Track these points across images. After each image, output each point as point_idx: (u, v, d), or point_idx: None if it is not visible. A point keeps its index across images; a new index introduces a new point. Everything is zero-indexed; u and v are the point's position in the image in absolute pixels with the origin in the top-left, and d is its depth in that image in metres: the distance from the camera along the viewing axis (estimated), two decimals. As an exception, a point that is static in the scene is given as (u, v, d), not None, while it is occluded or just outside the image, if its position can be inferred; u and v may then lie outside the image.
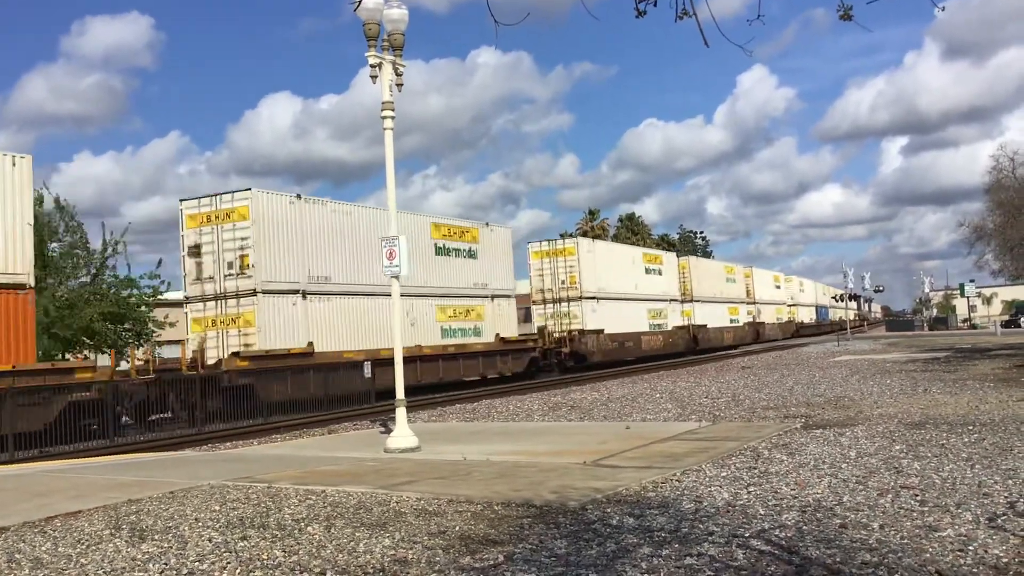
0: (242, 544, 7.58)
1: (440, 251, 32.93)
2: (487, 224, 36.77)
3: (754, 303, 73.58)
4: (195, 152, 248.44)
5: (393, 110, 14.79)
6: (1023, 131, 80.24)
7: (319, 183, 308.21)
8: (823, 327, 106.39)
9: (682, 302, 56.24)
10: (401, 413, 14.59)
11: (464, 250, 34.42)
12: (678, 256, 61.52)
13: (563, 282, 42.61)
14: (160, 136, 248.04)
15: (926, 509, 7.87)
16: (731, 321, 65.92)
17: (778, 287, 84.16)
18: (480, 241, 35.55)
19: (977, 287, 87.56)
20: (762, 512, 8.00)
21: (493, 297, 35.66)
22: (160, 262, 35.13)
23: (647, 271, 50.31)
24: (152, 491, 10.61)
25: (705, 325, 58.17)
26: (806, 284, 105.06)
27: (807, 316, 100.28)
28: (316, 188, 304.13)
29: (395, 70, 14.69)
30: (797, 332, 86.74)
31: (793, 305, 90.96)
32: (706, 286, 61.63)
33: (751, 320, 71.90)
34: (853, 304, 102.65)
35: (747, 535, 7.13)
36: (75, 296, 29.33)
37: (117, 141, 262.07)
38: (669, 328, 52.41)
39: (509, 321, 36.84)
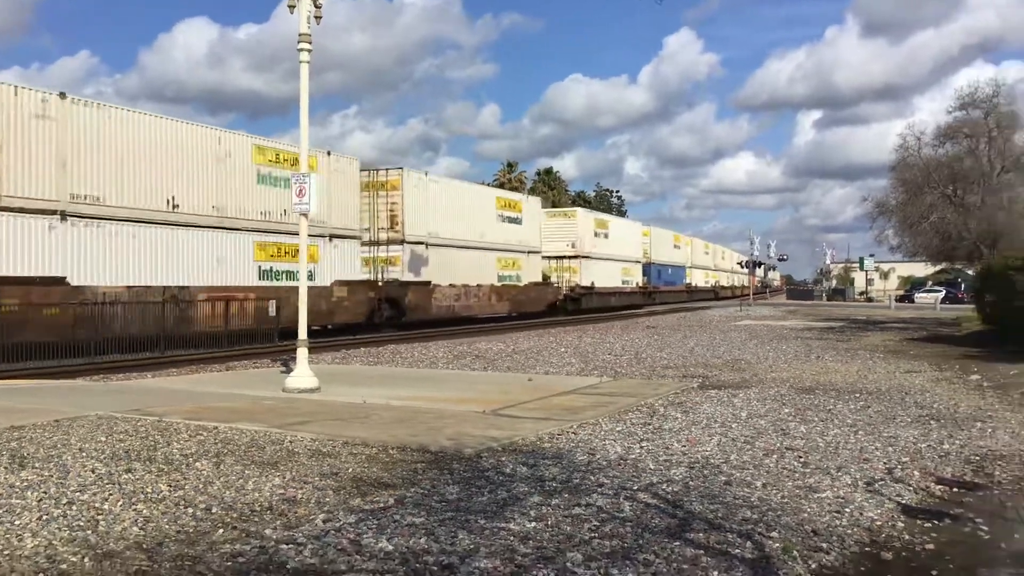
0: (126, 476, 7.41)
1: (264, 180, 27.51)
2: (328, 152, 30.83)
3: (651, 264, 68.17)
4: (104, 74, 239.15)
5: (310, 43, 14.38)
6: (933, 112, 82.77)
7: (233, 115, 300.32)
8: (720, 294, 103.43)
9: (569, 258, 51.67)
10: (302, 353, 14.41)
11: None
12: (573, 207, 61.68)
13: (385, 222, 34.70)
14: (69, 55, 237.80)
15: (808, 471, 8.13)
16: (623, 282, 60.84)
17: (677, 247, 79.33)
18: (318, 171, 27.41)
19: (876, 262, 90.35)
20: (652, 467, 8.16)
21: (331, 237, 30.04)
22: None
23: (502, 219, 43.09)
24: (37, 419, 10.29)
25: (592, 284, 53.35)
26: (712, 248, 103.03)
27: (703, 280, 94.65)
28: (230, 120, 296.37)
29: (314, 2, 14.27)
30: (691, 297, 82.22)
31: (693, 268, 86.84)
32: (595, 242, 54.92)
33: (646, 282, 66.56)
34: (759, 272, 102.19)
35: (635, 488, 7.27)
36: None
37: (23, 56, 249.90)
38: (525, 284, 45.54)
39: (350, 266, 31.17)
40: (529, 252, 46.27)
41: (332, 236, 30.25)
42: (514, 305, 43.61)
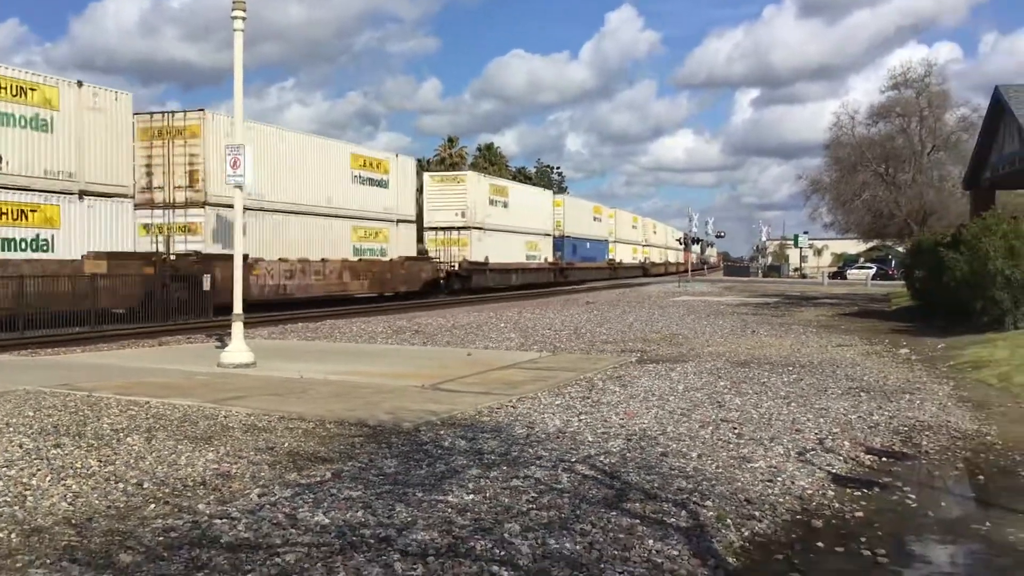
0: (55, 451, 7.23)
1: None
2: (80, 83, 23.36)
3: (565, 237, 59.97)
4: (32, 43, 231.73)
5: (245, 11, 14.07)
6: (866, 92, 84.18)
7: (166, 85, 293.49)
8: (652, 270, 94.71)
9: (458, 229, 44.08)
10: (238, 328, 14.19)
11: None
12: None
13: (182, 179, 27.18)
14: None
15: (742, 442, 8.26)
16: (528, 258, 52.77)
17: (597, 219, 70.00)
18: (61, 107, 22.44)
19: (810, 239, 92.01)
20: (590, 439, 8.22)
21: (83, 194, 22.95)
22: None
23: (360, 180, 35.24)
24: (-40, 395, 9.97)
25: (486, 260, 45.33)
26: (641, 222, 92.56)
27: (631, 256, 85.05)
28: (162, 91, 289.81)
29: (250, -32, 14.00)
30: (615, 274, 73.03)
31: (618, 243, 76.84)
32: (491, 211, 46.72)
33: (557, 258, 58.13)
34: (696, 248, 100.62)
35: (574, 460, 7.31)
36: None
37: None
38: (393, 259, 37.56)
39: (115, 233, 24.05)
40: (399, 221, 38.04)
41: (84, 193, 23.02)
42: (376, 284, 35.96)
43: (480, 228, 45.11)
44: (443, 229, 44.22)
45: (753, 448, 8.02)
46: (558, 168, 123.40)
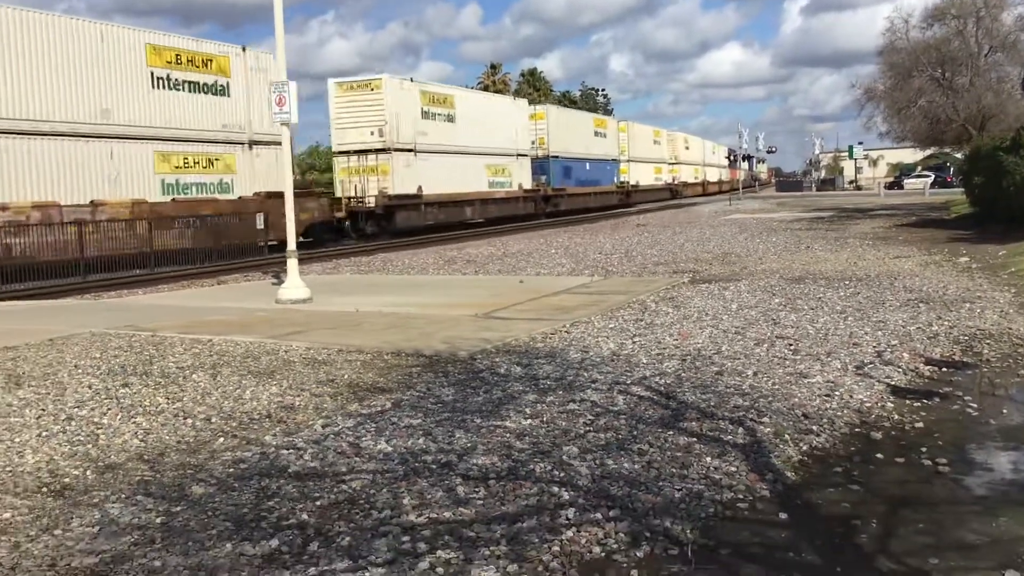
0: (123, 391, 7.46)
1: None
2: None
3: (550, 158, 47.37)
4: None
5: (281, -55, 13.91)
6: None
7: (207, 25, 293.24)
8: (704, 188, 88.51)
9: (376, 152, 32.84)
10: (292, 264, 14.38)
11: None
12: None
13: None
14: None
15: (798, 358, 8.23)
16: (492, 185, 41.11)
17: (600, 135, 57.10)
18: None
19: (865, 149, 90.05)
20: (645, 361, 8.25)
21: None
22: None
23: (175, 86, 24.43)
24: (30, 338, 10.29)
25: (419, 192, 34.08)
26: (667, 136, 78.10)
27: (652, 178, 71.12)
28: (204, 31, 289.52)
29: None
30: (628, 200, 60.98)
31: (632, 162, 63.96)
32: (428, 128, 35.33)
33: (539, 184, 46.46)
34: (745, 165, 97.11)
35: (629, 382, 7.36)
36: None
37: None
38: (238, 198, 26.11)
39: None
40: (255, 143, 26.76)
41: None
42: (206, 237, 24.16)
43: (407, 150, 33.69)
44: (356, 153, 33.13)
45: (810, 364, 7.98)
46: (603, 90, 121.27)
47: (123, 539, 4.38)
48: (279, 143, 25.85)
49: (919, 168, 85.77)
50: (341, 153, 33.53)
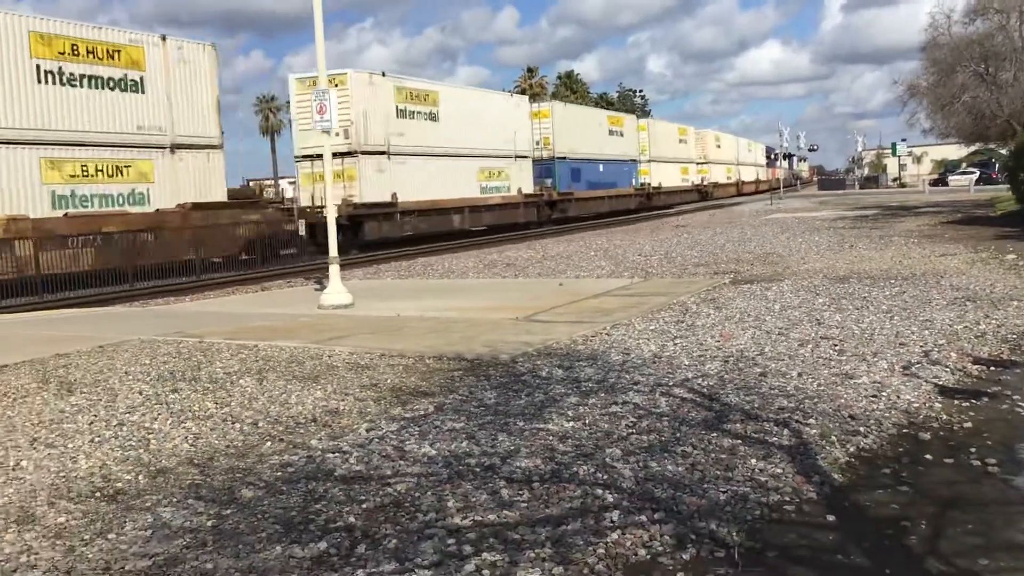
0: (173, 396, 7.59)
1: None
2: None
3: (556, 159, 43.38)
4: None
5: (320, -46, 14.08)
6: (963, -11, 78.95)
7: (247, 35, 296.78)
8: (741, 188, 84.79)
9: (340, 156, 27.50)
10: (334, 270, 14.53)
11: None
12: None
13: None
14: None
15: (844, 358, 8.16)
16: (485, 191, 37.14)
17: (616, 134, 52.32)
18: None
19: (908, 146, 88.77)
20: (687, 363, 8.22)
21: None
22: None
23: (66, 79, 20.94)
24: (81, 345, 10.51)
25: (393, 200, 30.51)
26: (694, 135, 72.63)
27: (679, 179, 66.38)
28: (244, 41, 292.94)
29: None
30: (650, 202, 57.02)
31: (654, 162, 59.53)
32: (401, 128, 31.47)
33: (543, 187, 42.41)
34: (785, 163, 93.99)
35: (671, 384, 7.34)
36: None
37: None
38: (160, 209, 23.06)
39: None
40: (179, 147, 23.64)
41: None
42: (113, 257, 20.79)
43: (378, 152, 30.07)
44: (320, 158, 24.15)
45: (855, 364, 7.91)
46: (640, 91, 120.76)
47: (175, 542, 4.46)
48: (213, 146, 25.53)
49: (964, 164, 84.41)
50: (304, 158, 29.42)
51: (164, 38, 23.65)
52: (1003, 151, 46.30)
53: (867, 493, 4.98)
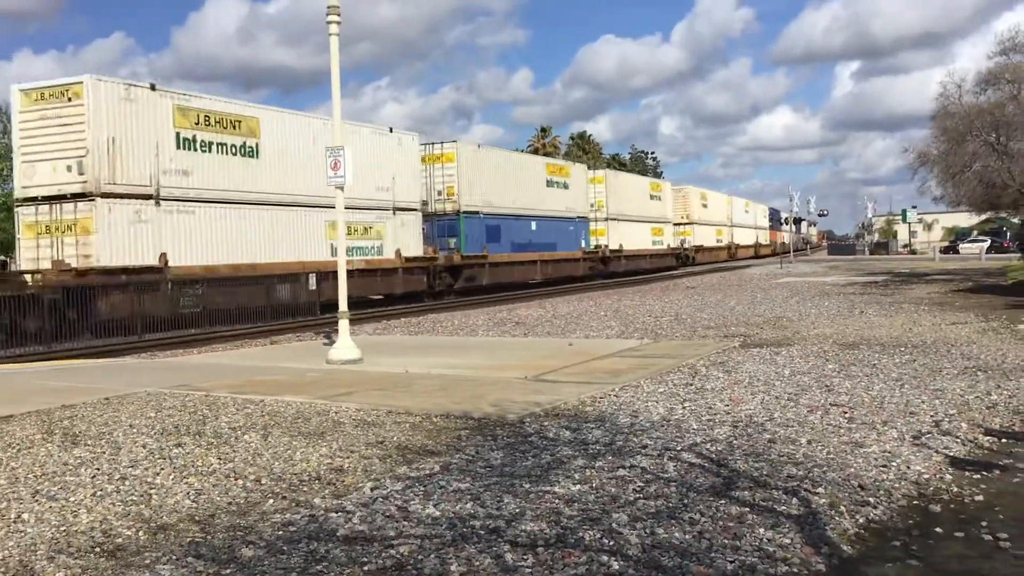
0: (177, 451, 7.55)
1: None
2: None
3: (462, 214, 35.42)
4: (138, 54, 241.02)
5: (339, 15, 14.35)
6: (973, 58, 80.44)
7: (266, 90, 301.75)
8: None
9: (70, 199, 20.67)
10: (344, 325, 14.54)
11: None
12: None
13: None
14: (104, 36, 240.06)
15: (853, 426, 8.08)
16: (360, 251, 29.08)
17: (557, 186, 43.72)
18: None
19: (919, 213, 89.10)
20: (695, 427, 8.15)
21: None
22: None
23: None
24: (87, 397, 10.50)
25: (162, 261, 21.88)
26: (669, 192, 64.52)
27: (647, 241, 56.87)
28: (263, 96, 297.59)
29: (341, -28, 14.11)
30: (604, 270, 48.74)
31: (617, 220, 50.96)
32: (188, 163, 23.08)
33: (435, 250, 33.87)
34: (788, 228, 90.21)
35: (679, 448, 7.27)
36: (11, 199, 27.90)
37: (59, 40, 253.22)
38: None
39: None
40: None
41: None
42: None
43: (138, 196, 21.61)
44: (47, 201, 20.89)
45: (865, 432, 7.83)
46: (652, 153, 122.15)
47: (173, 601, 4.40)
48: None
49: (975, 232, 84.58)
50: (27, 201, 21.27)
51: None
52: (1015, 220, 46.39)
53: (876, 566, 4.89)
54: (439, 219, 34.42)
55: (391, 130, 31.66)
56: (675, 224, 63.81)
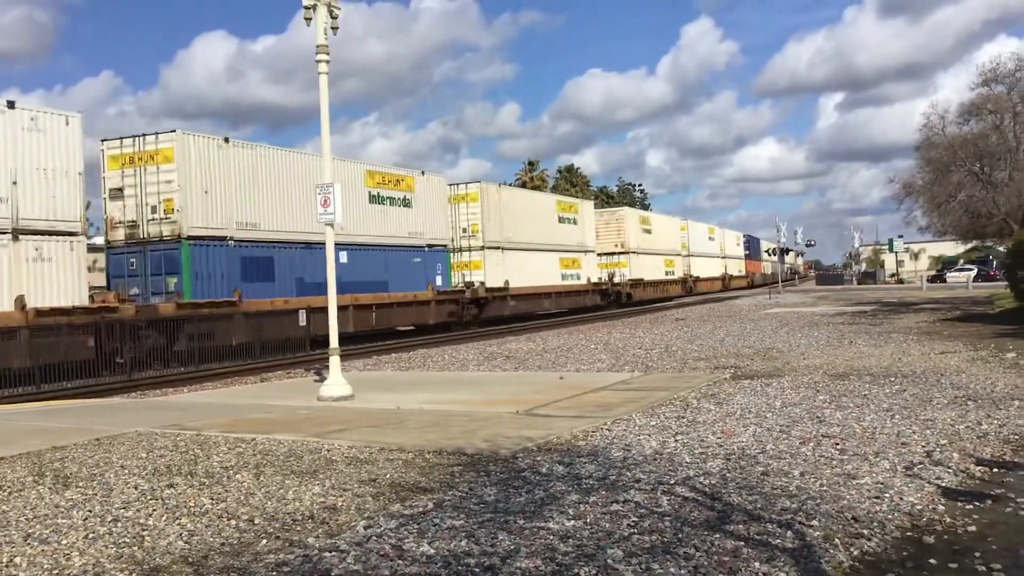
0: (169, 491, 7.51)
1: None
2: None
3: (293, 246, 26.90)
4: (127, 92, 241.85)
5: (328, 54, 14.48)
6: (956, 89, 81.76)
7: (254, 127, 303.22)
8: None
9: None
10: (335, 362, 14.52)
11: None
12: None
13: None
14: (92, 75, 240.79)
15: (846, 458, 8.10)
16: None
17: (398, 203, 32.95)
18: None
19: (905, 243, 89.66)
20: (688, 460, 8.16)
21: None
22: (88, 205, 26.16)
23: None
24: (78, 438, 10.44)
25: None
26: (658, 222, 62.06)
27: (551, 275, 44.67)
28: (251, 133, 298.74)
29: (330, 12, 14.36)
30: (480, 312, 37.61)
31: (504, 248, 39.56)
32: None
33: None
34: (772, 258, 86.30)
35: (673, 482, 7.28)
36: None
37: (47, 79, 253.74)
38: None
39: None
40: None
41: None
42: None
43: None
44: None
45: (858, 464, 7.85)
46: (639, 185, 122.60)
47: (168, 644, 4.37)
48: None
49: (961, 261, 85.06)
50: None
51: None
52: (1001, 248, 46.74)
53: (872, 599, 4.89)
54: (153, 249, 24.07)
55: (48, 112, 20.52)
56: (602, 254, 53.47)
